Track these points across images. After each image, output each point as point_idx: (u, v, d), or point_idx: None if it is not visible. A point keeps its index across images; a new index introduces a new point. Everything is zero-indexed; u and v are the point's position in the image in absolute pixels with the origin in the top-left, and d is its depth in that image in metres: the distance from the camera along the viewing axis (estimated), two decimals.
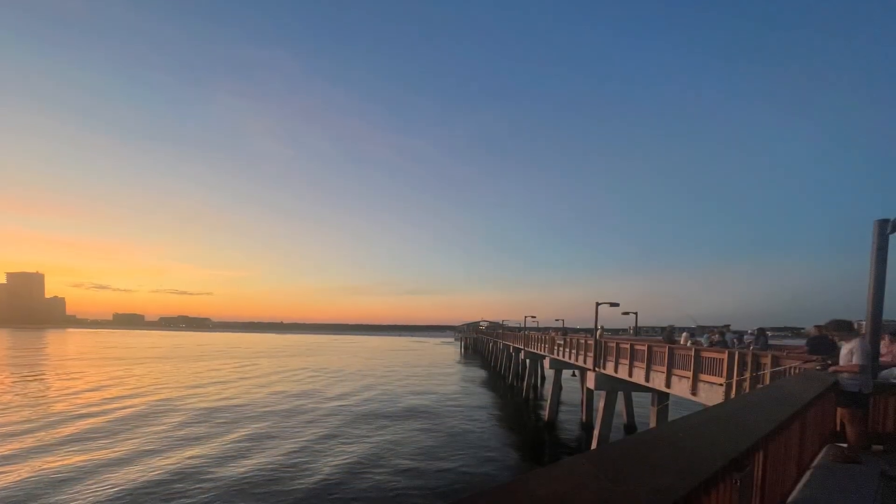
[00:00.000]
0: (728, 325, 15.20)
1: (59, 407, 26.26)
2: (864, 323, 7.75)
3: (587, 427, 22.88)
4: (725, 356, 9.93)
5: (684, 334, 17.66)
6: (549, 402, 24.86)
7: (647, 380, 13.91)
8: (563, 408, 27.51)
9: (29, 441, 18.90)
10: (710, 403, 9.99)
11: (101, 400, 28.77)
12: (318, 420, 23.71)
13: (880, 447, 5.97)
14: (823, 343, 8.39)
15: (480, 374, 49.36)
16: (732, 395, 9.29)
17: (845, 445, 5.56)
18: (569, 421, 25.01)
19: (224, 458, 16.87)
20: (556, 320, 47.99)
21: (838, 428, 5.95)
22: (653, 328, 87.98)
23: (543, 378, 40.79)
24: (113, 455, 17.17)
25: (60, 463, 16.13)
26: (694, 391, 11.16)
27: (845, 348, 5.58)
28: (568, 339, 24.96)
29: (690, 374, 11.29)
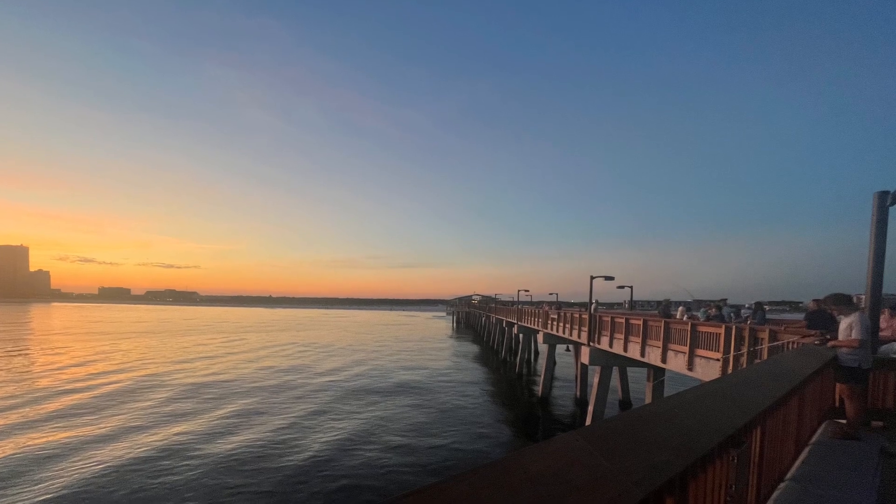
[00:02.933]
0: (725, 299, 15.19)
1: (43, 382, 25.97)
2: (863, 297, 7.62)
3: (581, 403, 23.17)
4: (722, 331, 9.84)
5: (680, 308, 17.68)
6: (542, 377, 25.07)
7: (642, 355, 13.88)
8: (556, 383, 27.87)
9: (13, 417, 18.69)
10: (707, 379, 9.94)
11: (86, 375, 28.52)
12: (307, 396, 23.72)
13: (880, 423, 5.93)
14: (822, 317, 8.31)
15: (473, 348, 49.85)
16: (729, 370, 9.23)
17: (844, 422, 5.53)
18: (563, 397, 25.27)
19: (212, 435, 16.79)
20: (550, 294, 48.69)
21: (837, 404, 5.88)
22: (648, 302, 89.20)
23: (537, 353, 41.40)
24: (99, 431, 17.02)
25: (45, 439, 15.95)
26: (690, 366, 11.13)
27: (844, 323, 5.48)
28: (562, 314, 24.87)
29: (687, 348, 11.24)
